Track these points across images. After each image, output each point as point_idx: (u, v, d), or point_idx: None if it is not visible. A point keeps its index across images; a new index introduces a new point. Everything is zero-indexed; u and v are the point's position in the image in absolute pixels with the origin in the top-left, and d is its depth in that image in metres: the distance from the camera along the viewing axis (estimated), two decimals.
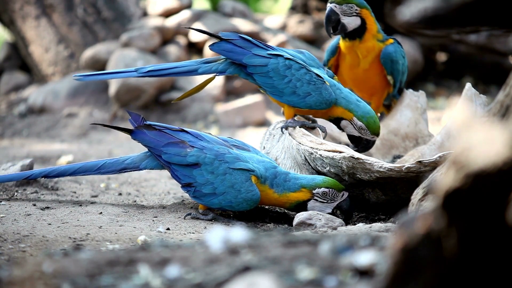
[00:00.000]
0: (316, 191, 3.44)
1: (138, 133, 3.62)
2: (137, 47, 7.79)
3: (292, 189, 3.45)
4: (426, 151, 3.90)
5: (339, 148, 3.52)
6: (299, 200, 3.46)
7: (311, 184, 3.45)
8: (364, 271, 1.74)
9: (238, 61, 3.73)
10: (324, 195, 3.43)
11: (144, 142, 3.60)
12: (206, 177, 3.46)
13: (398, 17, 2.00)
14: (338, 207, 3.47)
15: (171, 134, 3.57)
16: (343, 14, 3.90)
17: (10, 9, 8.20)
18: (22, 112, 7.85)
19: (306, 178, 3.49)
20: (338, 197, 3.46)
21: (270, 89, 3.74)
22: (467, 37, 8.40)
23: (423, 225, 1.47)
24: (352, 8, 3.89)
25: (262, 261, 1.85)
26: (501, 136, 1.38)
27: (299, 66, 3.72)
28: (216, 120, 7.48)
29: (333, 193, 3.45)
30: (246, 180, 3.43)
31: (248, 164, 3.46)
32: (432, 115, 6.98)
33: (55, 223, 3.32)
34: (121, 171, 3.72)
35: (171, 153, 3.52)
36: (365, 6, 3.98)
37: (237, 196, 3.43)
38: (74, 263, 1.95)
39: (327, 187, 3.43)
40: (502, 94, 2.12)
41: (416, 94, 4.22)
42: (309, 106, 3.71)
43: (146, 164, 3.66)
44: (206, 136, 3.58)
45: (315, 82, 3.69)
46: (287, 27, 9.08)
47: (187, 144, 3.52)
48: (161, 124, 3.64)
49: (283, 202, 3.49)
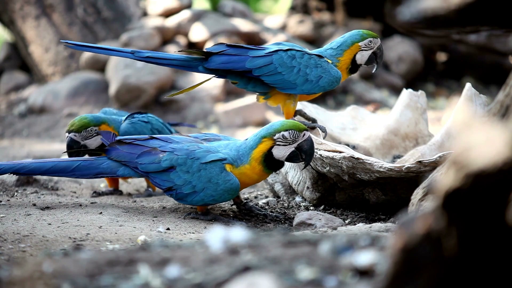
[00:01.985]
0: (277, 136, 3.38)
1: (112, 151, 3.61)
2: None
3: (255, 145, 3.40)
4: (426, 151, 3.90)
5: (339, 148, 3.52)
6: (264, 152, 3.38)
7: (270, 132, 3.40)
8: (364, 271, 1.74)
9: (241, 69, 3.70)
10: (285, 138, 3.38)
11: (119, 158, 3.60)
12: (183, 177, 3.46)
13: (398, 17, 2.00)
14: (299, 146, 3.39)
15: (142, 144, 3.56)
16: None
17: (10, 9, 8.20)
18: (22, 112, 7.85)
19: (263, 128, 3.46)
20: (299, 137, 3.38)
21: (281, 85, 3.71)
22: (467, 37, 8.39)
23: (423, 225, 1.47)
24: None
25: (262, 261, 1.85)
26: (501, 136, 1.38)
27: (301, 53, 3.72)
28: (216, 120, 7.48)
29: (294, 134, 3.38)
30: (221, 171, 3.41)
31: (218, 154, 3.43)
32: (432, 115, 6.99)
33: (55, 223, 3.31)
34: (97, 176, 3.66)
35: (145, 163, 3.52)
36: None
37: (216, 189, 3.42)
38: (74, 263, 1.95)
39: (287, 129, 3.37)
40: (502, 94, 2.12)
41: (416, 94, 4.22)
42: (323, 88, 3.73)
43: (124, 171, 3.61)
44: (175, 137, 3.58)
45: (321, 64, 3.71)
46: (287, 27, 9.09)
47: (158, 150, 3.52)
48: (131, 137, 3.65)
49: (254, 167, 3.42)
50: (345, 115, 4.32)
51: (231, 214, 3.68)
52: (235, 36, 8.14)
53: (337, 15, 9.51)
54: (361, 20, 9.53)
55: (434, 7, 1.93)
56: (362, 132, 4.24)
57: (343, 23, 9.41)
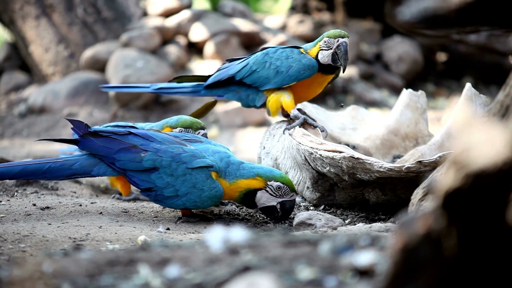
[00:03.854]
0: (270, 183, 3.38)
1: (85, 142, 3.48)
2: (137, 47, 7.79)
3: (246, 176, 3.38)
4: (426, 151, 3.90)
5: (339, 148, 3.52)
6: (250, 188, 3.38)
7: (268, 175, 3.39)
8: (364, 271, 1.74)
9: (227, 76, 3.92)
10: (278, 189, 3.39)
11: (93, 151, 3.47)
12: (166, 180, 3.39)
13: (398, 17, 2.00)
14: (282, 203, 3.41)
15: (120, 139, 3.44)
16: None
17: (10, 9, 8.20)
18: (22, 112, 7.85)
19: (263, 168, 3.46)
20: (287, 195, 3.41)
21: (258, 82, 3.85)
22: (467, 37, 8.39)
23: (423, 225, 1.47)
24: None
25: (262, 261, 1.85)
26: (501, 136, 1.38)
27: (275, 49, 3.88)
28: (216, 120, 7.48)
29: (285, 190, 3.40)
30: (207, 178, 3.37)
31: (205, 160, 3.39)
32: (432, 115, 6.98)
33: (55, 223, 3.31)
34: (70, 177, 3.54)
35: (124, 160, 3.42)
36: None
37: (200, 195, 3.38)
38: (74, 263, 1.95)
39: (283, 183, 3.39)
40: (502, 94, 2.12)
41: (416, 94, 4.22)
42: (295, 77, 3.76)
43: (99, 170, 3.49)
44: (155, 135, 3.47)
45: (292, 56, 3.79)
46: (287, 27, 9.09)
47: (140, 148, 3.42)
48: (107, 129, 3.54)
49: (233, 191, 3.40)
50: (345, 115, 4.32)
51: (226, 217, 3.68)
52: (235, 36, 8.14)
53: (337, 15, 9.51)
54: (361, 20, 9.53)
55: (434, 7, 1.93)
56: (362, 132, 4.24)
57: (343, 23, 9.41)
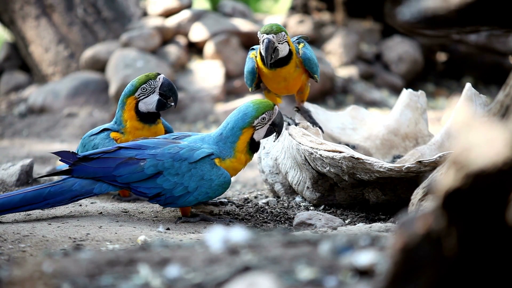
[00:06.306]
0: (256, 122, 3.44)
1: (79, 169, 3.40)
2: (137, 47, 7.79)
3: (236, 138, 3.43)
4: (426, 151, 3.90)
5: (339, 148, 3.52)
6: (248, 141, 3.45)
7: (249, 121, 3.43)
8: (364, 271, 1.74)
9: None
10: (263, 120, 3.45)
11: (90, 175, 3.39)
12: (172, 180, 3.38)
13: (398, 17, 2.00)
14: (273, 123, 3.48)
15: (114, 156, 3.39)
16: (278, 42, 3.79)
17: (10, 9, 8.20)
18: (22, 112, 7.85)
19: (237, 119, 3.45)
20: (273, 114, 3.48)
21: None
22: (467, 37, 8.40)
23: (423, 225, 1.47)
24: (284, 36, 3.78)
25: (262, 261, 1.85)
26: (501, 136, 1.38)
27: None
28: (216, 120, 7.48)
29: (268, 114, 3.45)
30: (212, 167, 3.40)
31: (204, 150, 3.41)
32: (432, 115, 6.99)
33: (55, 223, 3.32)
34: (73, 199, 3.42)
35: (125, 174, 3.37)
36: (287, 32, 3.87)
37: (211, 185, 3.40)
38: (74, 263, 1.95)
39: (263, 112, 3.44)
40: (502, 94, 2.12)
41: (416, 94, 4.22)
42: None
43: (101, 188, 3.41)
44: (145, 142, 3.45)
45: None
46: (287, 27, 9.08)
47: (136, 159, 3.38)
48: (95, 151, 3.45)
49: (240, 159, 3.46)
50: (345, 115, 4.32)
51: (226, 216, 3.68)
52: (235, 36, 8.14)
53: (337, 15, 9.51)
54: (361, 20, 9.53)
55: (434, 7, 1.93)
56: (362, 132, 4.24)
57: (343, 23, 9.41)
